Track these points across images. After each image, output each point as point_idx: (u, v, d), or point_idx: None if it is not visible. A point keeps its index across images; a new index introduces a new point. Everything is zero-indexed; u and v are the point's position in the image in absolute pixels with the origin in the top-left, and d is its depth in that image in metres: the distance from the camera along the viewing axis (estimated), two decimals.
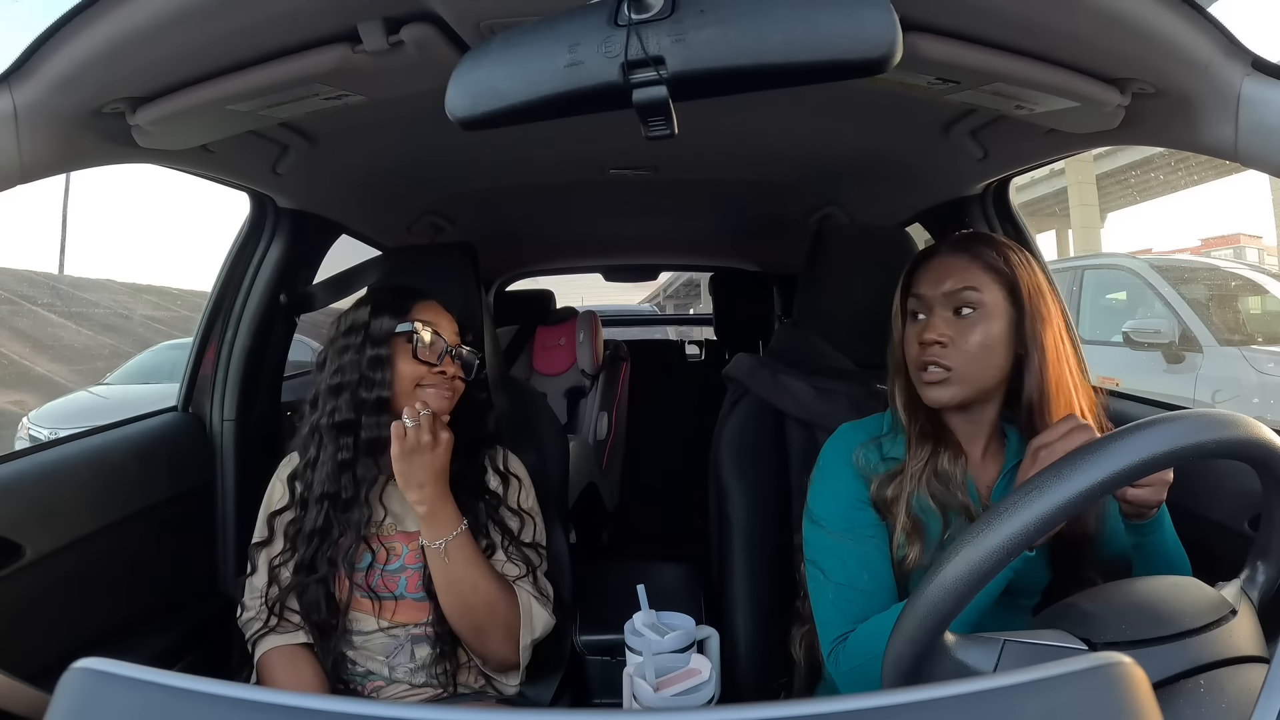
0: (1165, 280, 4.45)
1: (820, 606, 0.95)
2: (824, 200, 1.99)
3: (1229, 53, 0.75)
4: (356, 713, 0.33)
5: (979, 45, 0.83)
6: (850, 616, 0.91)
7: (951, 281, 0.93)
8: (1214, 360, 4.02)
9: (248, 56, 0.86)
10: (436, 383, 1.12)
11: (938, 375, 0.93)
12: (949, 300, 0.93)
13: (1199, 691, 0.58)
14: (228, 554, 1.49)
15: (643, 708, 0.89)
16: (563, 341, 2.91)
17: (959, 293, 0.93)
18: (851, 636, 0.90)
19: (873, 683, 0.86)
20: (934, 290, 0.95)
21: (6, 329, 10.80)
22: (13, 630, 1.03)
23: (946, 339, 0.92)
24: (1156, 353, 4.17)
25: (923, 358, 0.94)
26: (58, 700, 0.33)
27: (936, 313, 0.94)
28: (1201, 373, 4.04)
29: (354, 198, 1.68)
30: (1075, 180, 12.81)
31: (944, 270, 0.95)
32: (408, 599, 1.12)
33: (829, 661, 0.93)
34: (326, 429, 1.12)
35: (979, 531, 0.61)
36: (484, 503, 1.17)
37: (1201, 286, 4.75)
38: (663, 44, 0.57)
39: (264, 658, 1.10)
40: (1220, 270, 5.31)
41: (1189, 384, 4.01)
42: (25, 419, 6.07)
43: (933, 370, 0.93)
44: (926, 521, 0.93)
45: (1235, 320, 4.56)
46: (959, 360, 0.92)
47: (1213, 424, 0.61)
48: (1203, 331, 4.14)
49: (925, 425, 0.96)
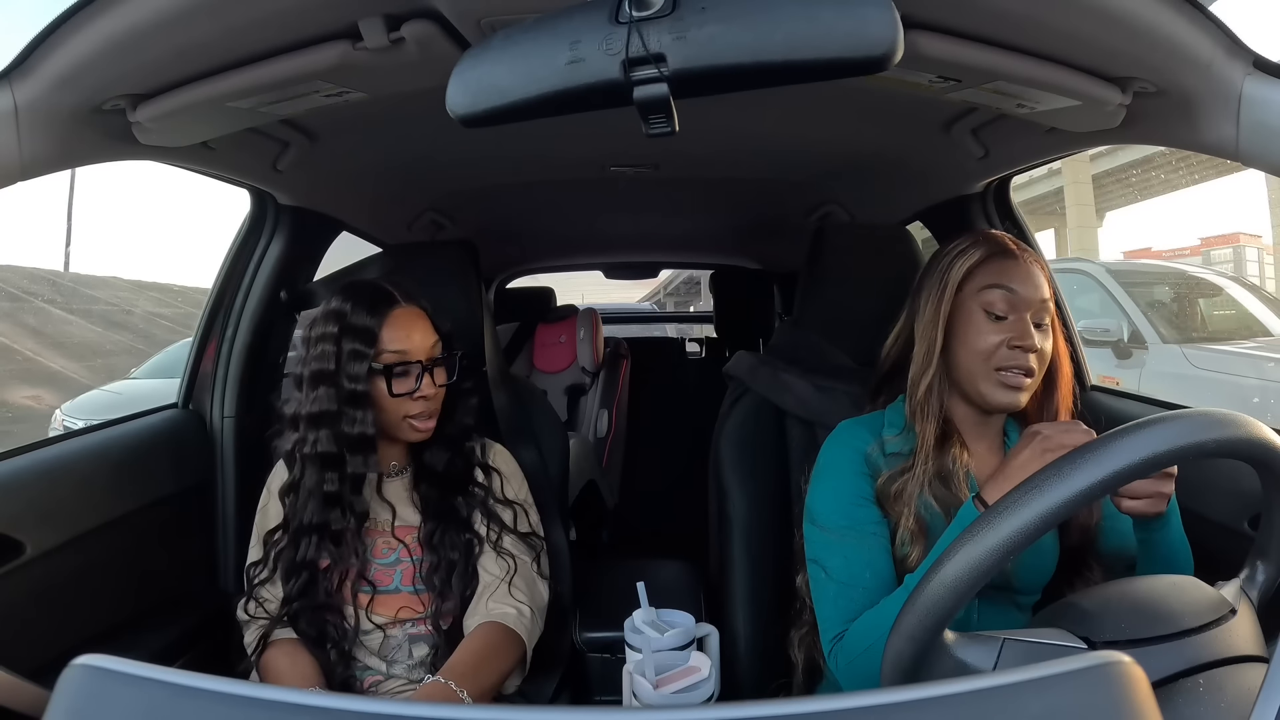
0: (1119, 284, 4.89)
1: (822, 605, 0.95)
2: (825, 198, 1.99)
3: (1231, 52, 0.75)
4: (356, 709, 0.33)
5: (980, 43, 0.83)
6: (851, 615, 0.91)
7: (1042, 292, 0.93)
8: (1158, 357, 4.50)
9: (248, 53, 0.86)
10: (419, 409, 1.10)
11: (1022, 381, 0.91)
12: (1042, 309, 0.93)
13: (1198, 691, 0.58)
14: (228, 551, 1.49)
15: (642, 705, 0.89)
16: (563, 339, 2.91)
17: (1047, 304, 0.93)
18: (848, 632, 0.90)
19: (871, 676, 0.86)
20: (1033, 294, 0.92)
21: (17, 325, 10.84)
22: (13, 627, 1.03)
23: (1036, 345, 0.91)
24: (1107, 349, 4.60)
25: (1012, 361, 0.91)
26: (58, 697, 0.33)
27: (1025, 319, 0.92)
28: (1148, 368, 4.50)
29: (354, 195, 1.68)
30: (1071, 180, 12.81)
31: (1029, 278, 0.93)
32: (403, 592, 1.12)
33: (829, 659, 0.92)
34: (310, 459, 1.09)
35: (979, 530, 0.61)
36: (470, 496, 1.16)
37: (1157, 290, 5.26)
38: (664, 41, 0.57)
39: (267, 653, 1.10)
40: (1185, 274, 5.73)
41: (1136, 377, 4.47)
42: (58, 411, 6.08)
43: (1017, 376, 0.91)
44: (931, 521, 0.93)
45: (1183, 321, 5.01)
46: (1039, 370, 0.92)
47: (1213, 423, 0.61)
48: (1149, 331, 4.60)
49: (944, 426, 0.96)
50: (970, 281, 0.94)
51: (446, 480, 1.15)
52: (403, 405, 1.10)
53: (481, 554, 1.15)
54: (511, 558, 1.15)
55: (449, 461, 1.16)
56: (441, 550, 1.12)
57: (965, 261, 0.95)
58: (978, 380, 0.93)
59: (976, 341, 0.93)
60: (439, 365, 1.13)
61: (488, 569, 1.14)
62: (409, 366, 1.10)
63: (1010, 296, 0.92)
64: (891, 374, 1.05)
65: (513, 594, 1.13)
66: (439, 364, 1.13)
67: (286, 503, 1.13)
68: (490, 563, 1.14)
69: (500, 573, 1.14)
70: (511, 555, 1.15)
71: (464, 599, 1.13)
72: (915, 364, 0.97)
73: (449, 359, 1.15)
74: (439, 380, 1.12)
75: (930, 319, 0.96)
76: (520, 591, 1.14)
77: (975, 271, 0.94)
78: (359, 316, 1.09)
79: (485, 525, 1.16)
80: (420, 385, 1.10)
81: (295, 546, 1.10)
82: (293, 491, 1.12)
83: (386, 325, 1.10)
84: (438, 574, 1.12)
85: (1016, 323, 0.92)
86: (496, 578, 1.13)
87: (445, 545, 1.13)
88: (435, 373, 1.12)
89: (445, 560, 1.12)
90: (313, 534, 1.09)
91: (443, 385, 1.13)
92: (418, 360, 1.10)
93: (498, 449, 1.24)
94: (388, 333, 1.09)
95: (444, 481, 1.15)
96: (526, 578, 1.16)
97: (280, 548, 1.12)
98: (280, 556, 1.12)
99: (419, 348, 1.11)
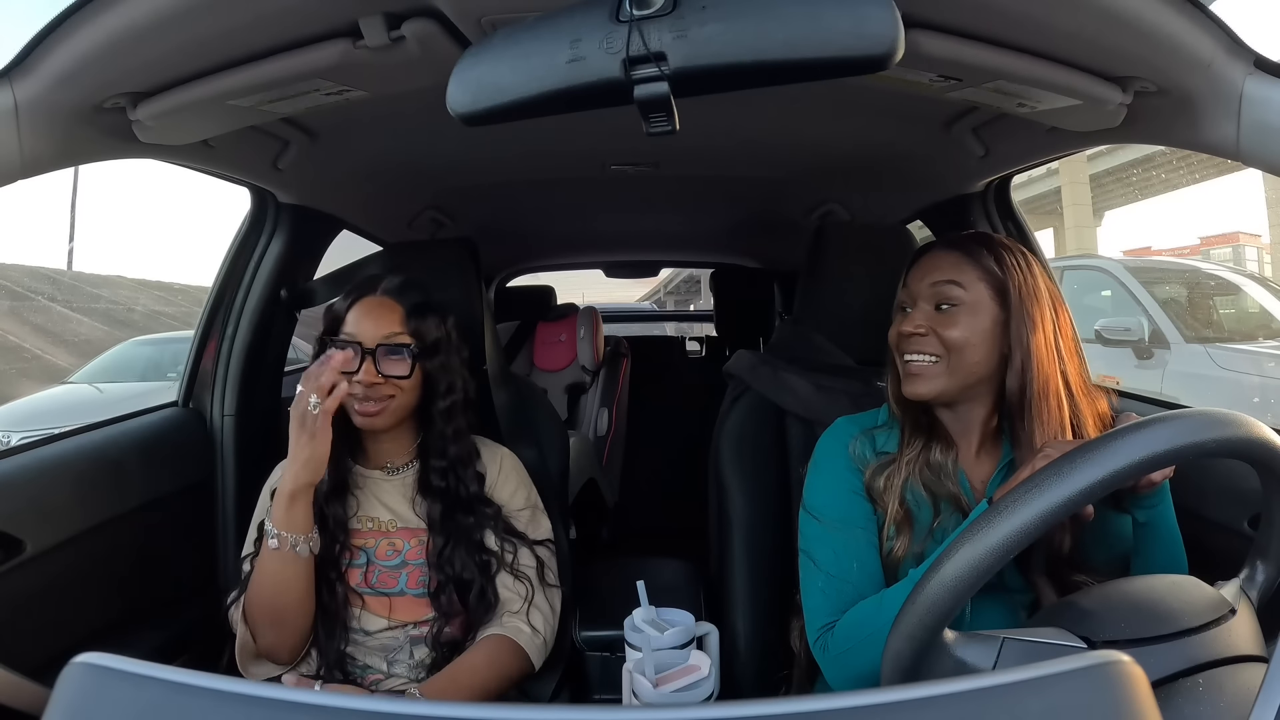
0: (1138, 281, 4.72)
1: (809, 594, 0.97)
2: (825, 197, 1.99)
3: (1231, 52, 0.75)
4: (355, 708, 0.33)
5: (981, 42, 0.83)
6: (837, 607, 0.92)
7: (936, 275, 0.95)
8: (1180, 357, 4.30)
9: (249, 52, 0.86)
10: (357, 393, 1.09)
11: (916, 367, 0.94)
12: (932, 294, 0.95)
13: (1198, 690, 0.58)
14: (228, 549, 1.50)
15: (642, 704, 0.89)
16: (563, 337, 2.92)
17: (940, 286, 0.94)
18: (838, 624, 0.92)
19: (858, 668, 0.88)
20: (919, 284, 0.96)
21: (25, 323, 10.88)
22: (13, 625, 1.04)
23: (924, 329, 0.93)
24: (1127, 349, 4.44)
25: (901, 348, 0.96)
26: (58, 695, 0.34)
27: (919, 306, 0.96)
28: (1169, 368, 4.32)
29: (355, 193, 1.68)
30: (1068, 180, 12.83)
31: (932, 265, 0.96)
32: (408, 595, 1.12)
33: (815, 648, 0.94)
34: None
35: (979, 529, 0.61)
36: (481, 516, 1.15)
37: (1174, 287, 5.03)
38: (664, 40, 0.57)
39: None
40: (1200, 271, 5.59)
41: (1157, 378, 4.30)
42: None
43: (911, 361, 0.95)
44: (917, 512, 0.94)
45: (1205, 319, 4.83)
46: (936, 353, 0.93)
47: (1213, 423, 0.61)
48: (1171, 330, 4.41)
49: (920, 419, 0.97)
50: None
51: (449, 496, 1.14)
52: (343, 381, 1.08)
53: (499, 573, 1.15)
54: (528, 578, 1.15)
55: (445, 473, 1.15)
56: (450, 569, 1.11)
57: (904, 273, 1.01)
58: (900, 376, 0.97)
59: (891, 340, 0.99)
60: (391, 356, 1.10)
61: (507, 586, 1.14)
62: (351, 346, 1.09)
63: (906, 291, 0.98)
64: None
65: (530, 616, 1.13)
66: (391, 354, 1.10)
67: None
68: (509, 581, 1.14)
69: (519, 591, 1.14)
70: (529, 576, 1.15)
71: (474, 619, 1.13)
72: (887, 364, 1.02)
73: (402, 351, 1.11)
74: (386, 369, 1.10)
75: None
76: (539, 614, 1.14)
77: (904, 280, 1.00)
78: (339, 303, 1.14)
79: (500, 544, 1.15)
80: (360, 369, 1.08)
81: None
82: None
83: (352, 310, 1.13)
84: (444, 593, 1.11)
85: (909, 314, 0.96)
86: (517, 596, 1.14)
87: (454, 564, 1.11)
88: (383, 362, 1.10)
89: (456, 579, 1.11)
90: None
91: (394, 376, 1.10)
92: (359, 342, 1.09)
93: (504, 455, 1.23)
94: (350, 316, 1.13)
95: (446, 497, 1.14)
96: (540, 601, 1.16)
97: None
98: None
99: (368, 334, 1.10)
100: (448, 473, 1.15)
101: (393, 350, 1.11)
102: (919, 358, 0.94)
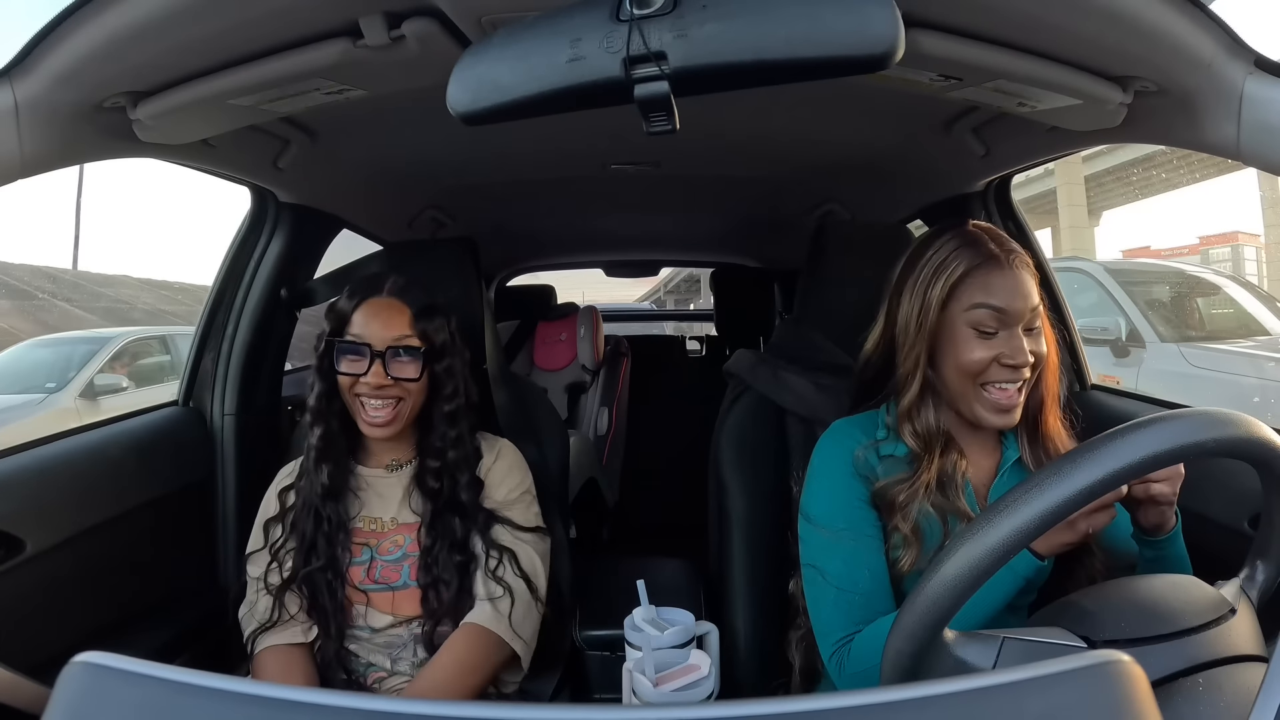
0: (1117, 283, 4.88)
1: (819, 609, 0.94)
2: (825, 196, 1.99)
3: (1232, 51, 0.75)
4: (355, 707, 0.33)
5: (981, 42, 0.83)
6: (852, 619, 0.90)
7: (1032, 298, 0.88)
8: (1156, 355, 4.50)
9: (248, 51, 0.86)
10: (367, 393, 1.09)
11: (1011, 397, 0.88)
12: (1033, 317, 0.89)
13: (1198, 690, 0.58)
14: (228, 549, 1.50)
15: (642, 703, 0.89)
16: (564, 337, 2.92)
17: (1038, 310, 0.89)
18: (856, 640, 0.89)
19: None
20: (1023, 306, 0.88)
21: (32, 321, 10.91)
22: (13, 624, 1.04)
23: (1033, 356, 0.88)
24: (1105, 348, 4.60)
25: (994, 376, 0.88)
26: (58, 694, 0.34)
27: (1019, 332, 0.88)
28: (1145, 366, 4.50)
29: (355, 192, 1.68)
30: (1064, 181, 12.84)
31: (1023, 284, 0.88)
32: (411, 586, 1.12)
33: (830, 664, 0.91)
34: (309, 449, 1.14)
35: (979, 529, 0.61)
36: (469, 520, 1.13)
37: (1155, 289, 5.23)
38: (664, 39, 0.57)
39: (260, 655, 1.09)
40: (1184, 274, 5.72)
41: (1134, 375, 4.47)
42: None
43: (1006, 389, 0.88)
44: (927, 529, 0.92)
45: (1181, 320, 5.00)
46: (1028, 377, 0.89)
47: (1213, 422, 0.61)
48: (1147, 330, 4.60)
49: (941, 436, 0.94)
50: (955, 300, 0.90)
51: (440, 498, 1.13)
52: (355, 388, 1.09)
53: (475, 572, 1.13)
54: (508, 585, 1.11)
55: (439, 474, 1.14)
56: (435, 570, 1.11)
57: (947, 277, 0.90)
58: (970, 400, 0.90)
59: (965, 360, 0.89)
60: (401, 358, 1.10)
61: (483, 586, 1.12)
62: (360, 348, 1.09)
63: (999, 315, 0.88)
64: (877, 378, 1.02)
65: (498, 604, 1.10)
66: (401, 356, 1.10)
67: (283, 497, 1.15)
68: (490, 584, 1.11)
69: (494, 592, 1.10)
70: (508, 584, 1.11)
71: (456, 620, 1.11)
72: (901, 382, 0.95)
73: (413, 353, 1.11)
74: (395, 372, 1.09)
75: (914, 337, 0.93)
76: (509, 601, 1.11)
77: (959, 289, 0.89)
78: (343, 302, 1.13)
79: (485, 550, 1.13)
80: (369, 371, 1.08)
81: (291, 538, 1.12)
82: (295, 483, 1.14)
83: (358, 310, 1.12)
84: (433, 592, 1.11)
85: (1008, 339, 0.88)
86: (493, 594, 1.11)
87: (439, 565, 1.11)
88: (392, 364, 1.09)
89: (440, 580, 1.11)
90: (307, 524, 1.10)
91: (404, 379, 1.10)
92: (367, 344, 1.09)
93: (503, 445, 1.22)
94: (357, 317, 1.12)
95: (438, 498, 1.13)
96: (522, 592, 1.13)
97: (277, 542, 1.13)
98: (276, 551, 1.12)
99: (377, 335, 1.10)
100: (442, 474, 1.14)
101: (402, 353, 1.10)
102: (1014, 385, 0.88)
